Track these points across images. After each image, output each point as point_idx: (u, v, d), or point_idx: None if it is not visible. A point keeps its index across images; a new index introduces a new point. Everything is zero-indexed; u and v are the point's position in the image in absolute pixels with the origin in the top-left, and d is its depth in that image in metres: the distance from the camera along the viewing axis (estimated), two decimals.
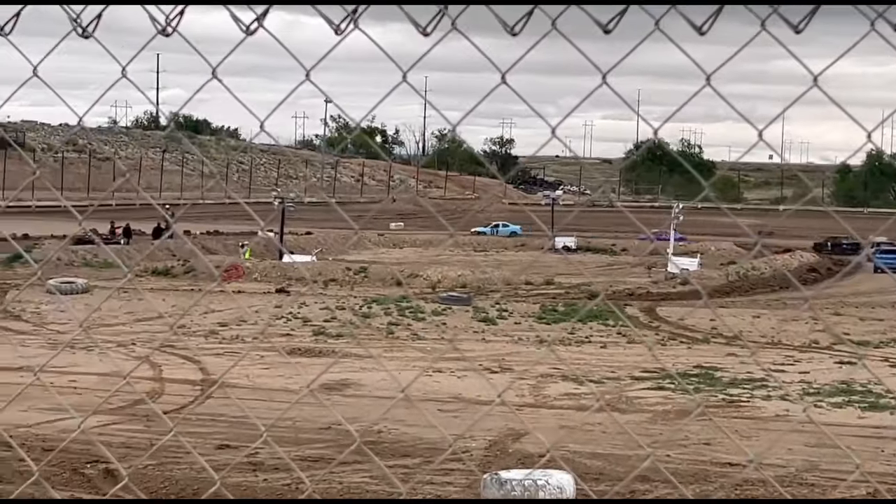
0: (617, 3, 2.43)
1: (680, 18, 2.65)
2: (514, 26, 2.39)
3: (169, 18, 2.47)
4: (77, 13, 2.58)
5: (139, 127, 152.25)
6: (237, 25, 2.42)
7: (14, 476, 18.57)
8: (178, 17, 2.44)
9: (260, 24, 2.46)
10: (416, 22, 2.35)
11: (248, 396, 26.88)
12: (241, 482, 19.87)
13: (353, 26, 2.47)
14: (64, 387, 27.57)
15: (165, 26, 2.47)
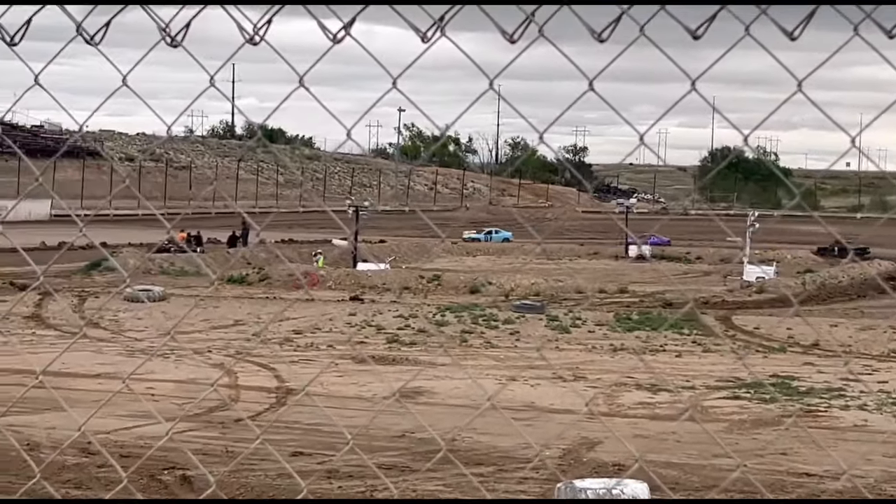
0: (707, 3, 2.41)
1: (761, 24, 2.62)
2: (602, 32, 2.37)
3: (257, 27, 2.49)
4: (166, 22, 2.60)
5: (215, 136, 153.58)
6: (324, 34, 2.43)
7: (92, 482, 18.79)
8: (266, 25, 2.45)
9: (347, 33, 2.46)
10: (503, 29, 2.34)
11: (322, 404, 26.99)
12: (316, 489, 19.94)
13: (440, 34, 2.47)
14: (141, 394, 27.84)
15: (253, 35, 2.48)
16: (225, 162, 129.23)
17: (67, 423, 23.52)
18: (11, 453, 21.02)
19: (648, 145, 2.90)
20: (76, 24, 2.68)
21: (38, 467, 20.56)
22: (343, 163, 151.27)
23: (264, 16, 2.46)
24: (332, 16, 2.65)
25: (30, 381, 28.46)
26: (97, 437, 22.85)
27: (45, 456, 21.28)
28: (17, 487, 18.62)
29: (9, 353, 32.39)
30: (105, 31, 2.63)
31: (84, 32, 2.67)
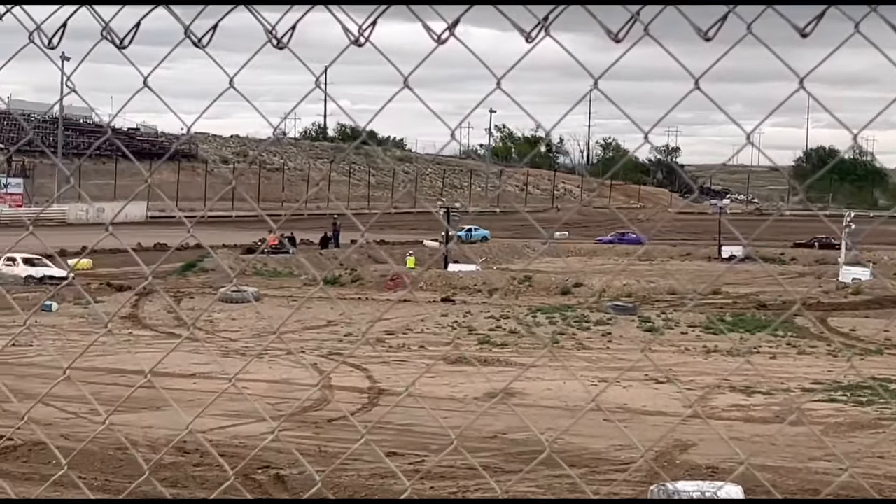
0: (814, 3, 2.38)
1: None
2: (708, 31, 2.35)
3: (362, 28, 2.50)
4: (272, 24, 2.63)
5: (307, 138, 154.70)
6: (429, 35, 2.43)
7: (188, 481, 19.01)
8: (371, 27, 2.46)
9: (451, 33, 2.47)
10: (608, 28, 2.33)
11: (413, 405, 27.07)
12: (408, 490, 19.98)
13: (545, 34, 2.46)
14: (235, 394, 28.07)
15: (358, 36, 2.50)
16: (317, 164, 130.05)
17: (163, 422, 23.86)
18: (109, 452, 21.38)
19: (755, 144, 2.87)
20: (184, 27, 2.71)
21: (135, 466, 20.86)
22: (434, 164, 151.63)
23: (369, 17, 2.47)
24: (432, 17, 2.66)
25: (126, 380, 28.91)
26: (192, 436, 23.13)
27: (141, 455, 21.57)
28: (114, 485, 18.95)
29: (106, 353, 32.89)
30: (213, 33, 2.67)
31: (192, 35, 2.70)
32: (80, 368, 30.28)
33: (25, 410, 19.77)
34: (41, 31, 2.85)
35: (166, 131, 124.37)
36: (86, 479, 17.99)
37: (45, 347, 33.98)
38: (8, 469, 18.26)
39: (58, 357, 32.37)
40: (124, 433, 22.63)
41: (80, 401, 25.10)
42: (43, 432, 21.61)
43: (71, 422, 24.03)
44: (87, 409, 24.97)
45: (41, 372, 29.67)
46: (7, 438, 22.11)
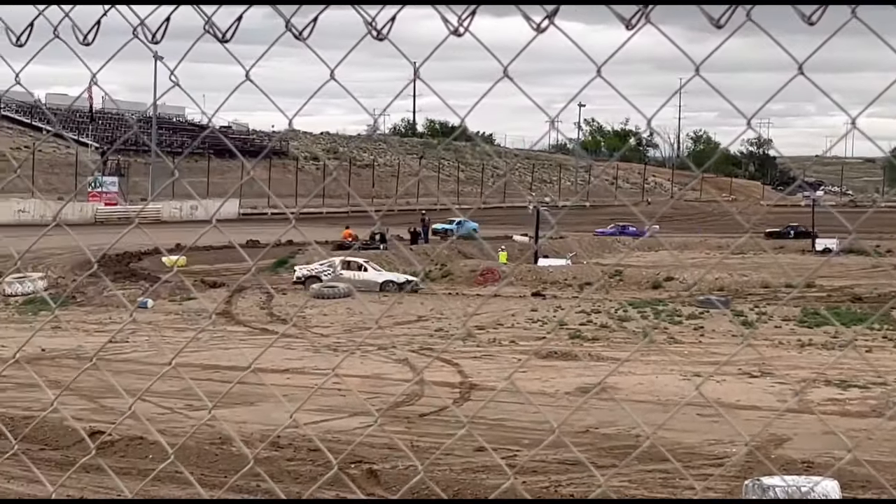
0: None
1: None
2: (811, 16, 2.32)
3: (461, 19, 2.50)
4: (372, 16, 2.64)
5: (396, 134, 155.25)
6: (528, 24, 2.43)
7: (283, 475, 19.15)
8: (470, 17, 2.46)
9: (551, 22, 2.46)
10: (710, 15, 2.31)
11: (505, 399, 27.06)
12: (501, 484, 19.97)
13: (646, 21, 2.45)
14: (328, 389, 28.30)
15: (457, 27, 2.50)
16: (406, 159, 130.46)
17: (257, 417, 24.09)
18: (205, 447, 21.63)
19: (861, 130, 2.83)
20: (285, 20, 2.73)
21: (230, 460, 21.09)
22: (523, 158, 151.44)
23: (468, 7, 2.47)
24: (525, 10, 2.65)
25: (220, 376, 29.24)
26: (286, 431, 23.31)
27: (235, 450, 21.79)
28: (209, 479, 19.15)
29: (200, 349, 33.29)
30: (313, 25, 2.68)
31: (293, 28, 2.72)
32: (170, 365, 30.65)
33: (129, 404, 20.14)
34: (145, 26, 2.89)
35: (257, 129, 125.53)
36: (182, 473, 18.18)
37: (140, 344, 34.47)
38: (106, 464, 18.52)
39: (153, 353, 32.85)
40: (218, 428, 22.88)
41: (176, 396, 25.45)
42: (141, 427, 21.94)
43: (167, 417, 24.34)
44: (182, 404, 25.29)
45: (137, 368, 30.09)
46: (106, 433, 22.47)
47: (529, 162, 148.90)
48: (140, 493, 16.87)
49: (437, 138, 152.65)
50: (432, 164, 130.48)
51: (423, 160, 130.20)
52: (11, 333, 35.19)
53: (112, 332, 36.83)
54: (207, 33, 2.76)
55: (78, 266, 49.75)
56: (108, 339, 34.23)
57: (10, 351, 31.59)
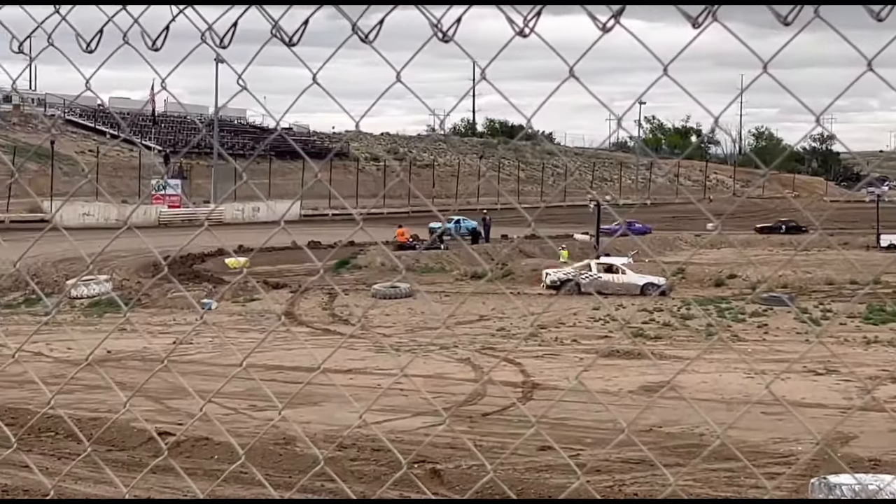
0: None
1: None
2: (880, 13, 2.31)
3: (527, 19, 2.51)
4: (438, 18, 2.65)
5: (456, 134, 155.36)
6: (594, 24, 2.43)
7: (346, 475, 19.22)
8: (536, 18, 2.47)
9: (617, 21, 2.47)
10: (778, 13, 2.30)
11: (567, 398, 27.01)
12: (565, 484, 19.95)
13: (712, 19, 2.44)
14: (390, 389, 28.38)
15: (523, 28, 2.51)
16: (466, 159, 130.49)
17: (321, 418, 24.21)
18: (269, 447, 21.75)
19: None
20: (351, 24, 2.75)
21: (294, 461, 21.20)
22: (583, 157, 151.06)
23: (533, 9, 2.47)
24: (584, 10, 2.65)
25: (283, 376, 29.39)
26: (348, 431, 23.39)
27: (299, 450, 21.90)
28: (274, 479, 19.24)
29: (263, 349, 33.46)
30: (379, 27, 2.70)
31: (359, 31, 2.74)
32: (237, 365, 30.86)
33: (200, 406, 20.27)
34: (213, 31, 2.92)
35: (318, 130, 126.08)
36: (247, 473, 18.31)
37: (204, 345, 34.72)
38: (172, 464, 18.67)
39: (217, 354, 33.07)
40: (283, 429, 22.99)
41: (240, 397, 25.61)
42: (206, 428, 22.11)
43: (231, 417, 24.49)
44: (246, 405, 25.43)
45: (202, 369, 30.30)
46: (174, 435, 22.65)
47: (590, 160, 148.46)
48: (209, 494, 16.99)
49: (498, 137, 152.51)
50: (493, 163, 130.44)
51: (483, 159, 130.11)
52: (77, 335, 35.55)
53: (176, 333, 37.14)
54: (275, 37, 2.78)
55: (142, 268, 50.17)
56: (179, 340, 34.55)
57: (77, 353, 31.95)
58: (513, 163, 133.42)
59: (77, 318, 40.57)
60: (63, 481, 18.49)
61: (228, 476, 18.32)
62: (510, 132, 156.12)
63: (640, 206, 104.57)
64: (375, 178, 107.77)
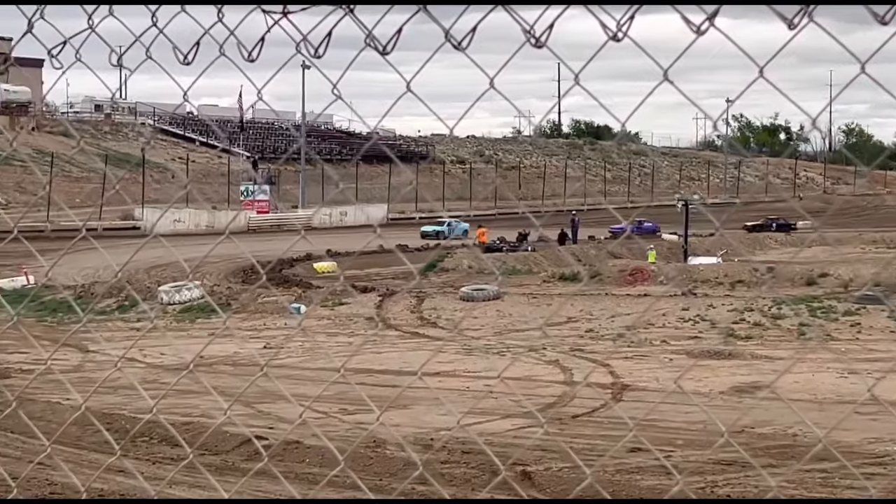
0: None
1: None
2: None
3: (620, 23, 2.51)
4: (530, 24, 2.66)
5: (542, 135, 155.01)
6: (688, 26, 2.43)
7: (437, 478, 19.26)
8: (629, 21, 2.47)
9: (711, 24, 2.46)
10: (875, 12, 2.28)
11: (657, 400, 26.87)
12: (656, 485, 19.85)
13: (809, 19, 2.42)
14: (479, 391, 28.41)
15: (616, 32, 2.51)
16: (552, 161, 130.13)
17: (410, 420, 24.28)
18: (359, 450, 21.85)
19: None
20: (444, 31, 2.76)
21: (384, 463, 21.29)
22: (671, 157, 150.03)
23: (627, 12, 2.47)
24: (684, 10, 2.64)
25: (373, 379, 29.53)
26: (440, 433, 23.47)
27: (389, 453, 21.98)
28: (365, 482, 19.31)
29: (352, 353, 33.65)
30: (472, 35, 2.71)
31: (452, 39, 2.75)
32: (327, 369, 31.09)
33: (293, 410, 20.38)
34: (307, 42, 2.95)
35: (403, 134, 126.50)
36: (338, 476, 18.42)
37: (294, 349, 34.97)
38: (263, 468, 18.81)
39: (306, 358, 33.30)
40: (373, 432, 23.09)
41: (330, 400, 25.78)
42: (297, 432, 22.26)
43: (322, 421, 24.63)
44: (336, 408, 25.58)
45: (291, 373, 30.52)
46: (262, 437, 22.87)
47: (677, 160, 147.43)
48: (301, 496, 17.12)
49: (583, 138, 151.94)
50: (579, 164, 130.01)
51: (570, 160, 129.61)
52: (169, 341, 35.98)
53: (266, 338, 37.45)
54: (368, 45, 2.81)
55: (232, 274, 50.64)
56: (278, 345, 34.84)
57: (169, 358, 32.35)
58: (599, 163, 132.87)
59: (169, 324, 41.05)
60: (158, 485, 18.73)
61: (321, 479, 18.46)
62: (596, 133, 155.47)
63: (729, 205, 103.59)
64: (461, 180, 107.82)
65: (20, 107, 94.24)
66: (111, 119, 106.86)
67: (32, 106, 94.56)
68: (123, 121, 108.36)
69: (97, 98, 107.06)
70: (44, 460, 17.36)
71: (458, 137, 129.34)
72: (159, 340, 36.46)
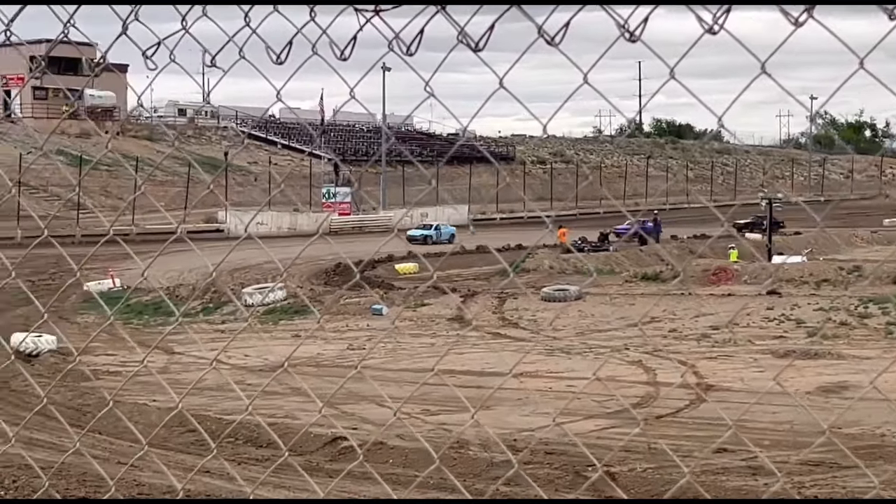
0: None
1: None
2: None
3: (716, 17, 2.48)
4: (624, 19, 2.64)
5: (622, 134, 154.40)
6: (786, 19, 2.39)
7: (519, 479, 19.22)
8: (725, 15, 2.44)
9: (810, 15, 2.43)
10: None
11: (742, 400, 26.65)
12: (742, 486, 19.70)
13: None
14: (562, 391, 28.34)
15: (712, 25, 2.48)
16: (634, 160, 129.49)
17: (493, 421, 24.28)
18: (444, 451, 21.88)
19: None
20: (537, 27, 2.76)
21: (467, 464, 21.29)
22: (754, 154, 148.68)
23: (722, 6, 2.45)
24: None
25: (455, 380, 29.57)
26: (522, 434, 23.45)
27: (472, 454, 22.00)
28: (449, 483, 19.34)
29: (435, 354, 33.72)
30: (564, 32, 2.70)
31: (545, 34, 2.74)
32: (409, 370, 31.20)
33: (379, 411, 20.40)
34: (399, 40, 2.96)
35: (483, 135, 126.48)
36: (422, 477, 18.46)
37: (377, 350, 35.10)
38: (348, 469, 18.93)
39: (389, 359, 33.42)
40: (455, 433, 23.12)
41: (412, 401, 25.85)
42: (380, 433, 22.35)
43: (405, 422, 24.71)
44: (418, 409, 25.65)
45: (374, 374, 30.65)
46: (345, 438, 22.97)
47: (760, 158, 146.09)
48: (381, 496, 17.19)
49: (665, 137, 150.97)
50: (660, 163, 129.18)
51: (651, 160, 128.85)
52: (253, 343, 36.27)
53: (349, 339, 37.61)
54: (461, 43, 2.81)
55: (314, 275, 50.94)
56: (371, 347, 34.99)
57: (253, 360, 32.61)
58: (681, 162, 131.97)
59: (253, 326, 41.35)
60: (243, 487, 18.89)
61: (405, 480, 18.52)
62: (678, 132, 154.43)
63: (814, 203, 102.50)
64: (542, 181, 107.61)
65: (105, 111, 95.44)
66: (194, 123, 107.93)
67: (117, 111, 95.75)
68: (206, 125, 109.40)
69: (180, 102, 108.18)
70: (133, 461, 17.57)
71: (538, 137, 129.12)
72: (243, 342, 36.76)
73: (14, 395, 25.81)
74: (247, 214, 72.71)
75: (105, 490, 13.81)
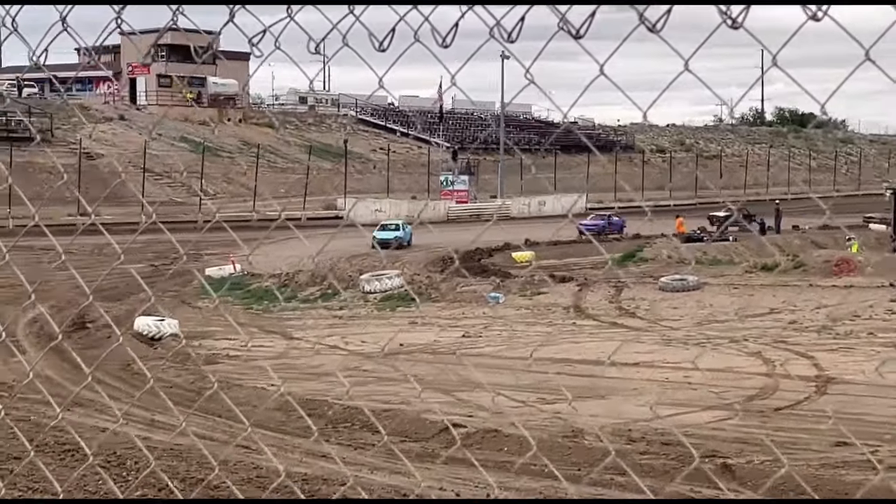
0: None
1: None
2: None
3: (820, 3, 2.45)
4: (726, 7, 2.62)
5: (744, 123, 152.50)
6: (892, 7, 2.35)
7: (636, 469, 19.13)
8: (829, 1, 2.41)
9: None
10: None
11: (864, 393, 26.23)
12: (861, 480, 19.34)
13: None
14: (679, 382, 28.12)
15: (815, 12, 2.45)
16: (755, 149, 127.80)
17: (607, 411, 24.22)
18: (557, 440, 21.87)
19: None
20: (638, 14, 2.75)
21: (582, 453, 21.23)
22: (879, 144, 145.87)
23: None
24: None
25: (570, 369, 29.56)
26: (637, 424, 23.32)
27: (587, 443, 21.93)
28: (562, 472, 19.33)
29: (550, 343, 33.67)
30: (666, 19, 2.69)
31: (646, 21, 2.73)
32: (524, 358, 31.15)
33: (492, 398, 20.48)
34: (500, 27, 2.96)
35: (602, 123, 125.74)
36: (535, 465, 18.48)
37: (493, 338, 35.16)
38: (463, 455, 18.97)
39: (505, 347, 33.45)
40: (570, 422, 23.08)
41: (528, 390, 25.87)
42: (495, 420, 22.41)
43: (520, 410, 24.74)
44: (535, 397, 25.66)
45: (489, 362, 30.73)
46: (461, 425, 23.06)
47: (885, 147, 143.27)
48: (499, 485, 17.21)
49: (787, 126, 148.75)
50: (782, 153, 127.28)
51: (773, 149, 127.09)
52: (371, 329, 36.55)
53: (465, 327, 37.68)
54: (561, 30, 2.80)
55: (431, 263, 51.12)
56: (479, 334, 35.02)
57: (370, 346, 32.87)
58: (803, 152, 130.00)
59: (371, 313, 41.65)
60: (359, 471, 19.06)
61: (519, 469, 18.53)
62: (800, 121, 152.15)
63: None
64: (661, 170, 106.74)
65: (227, 99, 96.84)
66: (314, 111, 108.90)
67: (239, 98, 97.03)
68: (326, 112, 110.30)
69: (301, 90, 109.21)
70: (251, 444, 17.81)
71: (657, 126, 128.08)
72: (360, 328, 37.06)
73: (136, 377, 26.26)
74: (364, 201, 73.17)
75: (223, 473, 14.02)
